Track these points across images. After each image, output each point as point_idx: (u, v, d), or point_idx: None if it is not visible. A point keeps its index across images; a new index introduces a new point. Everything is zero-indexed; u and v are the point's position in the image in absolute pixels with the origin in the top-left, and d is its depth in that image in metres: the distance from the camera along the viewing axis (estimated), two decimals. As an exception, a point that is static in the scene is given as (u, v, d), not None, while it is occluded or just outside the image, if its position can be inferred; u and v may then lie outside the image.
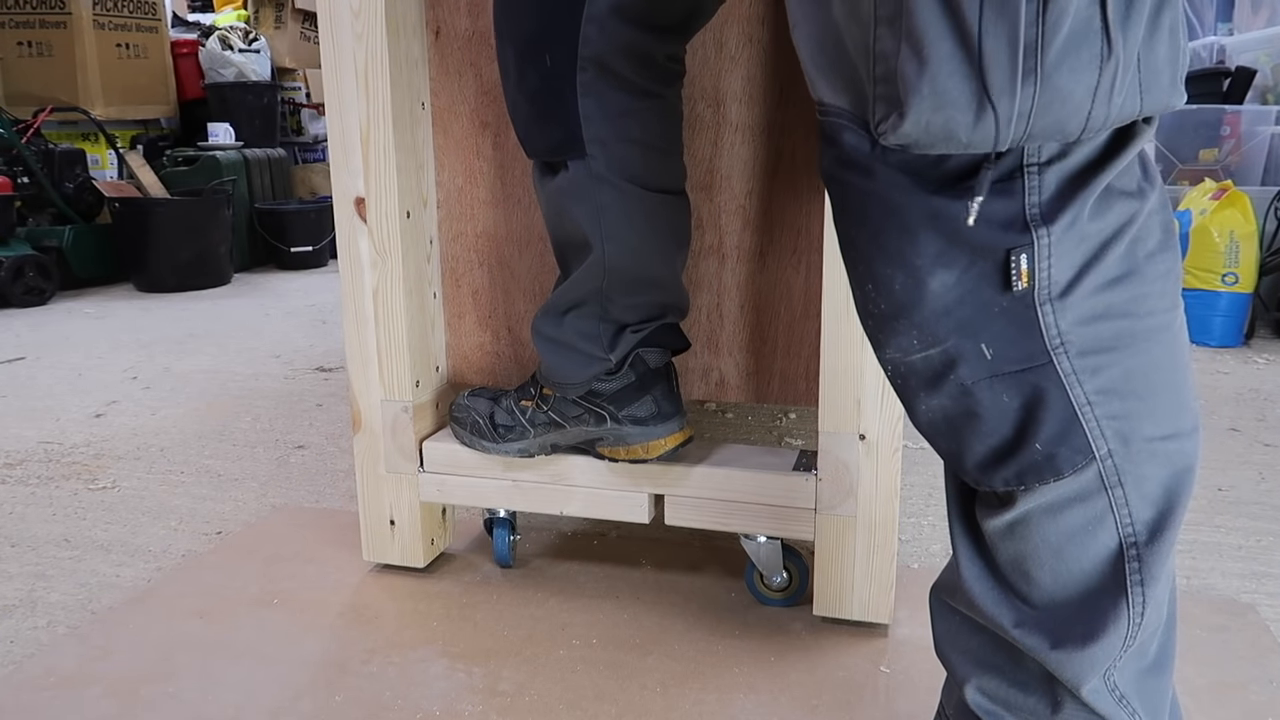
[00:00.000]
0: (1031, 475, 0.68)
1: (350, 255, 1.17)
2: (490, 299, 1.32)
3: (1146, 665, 0.76)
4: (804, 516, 1.15)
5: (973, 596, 0.76)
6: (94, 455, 1.90)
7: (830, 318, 1.08)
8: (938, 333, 0.67)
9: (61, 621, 1.24)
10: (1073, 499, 0.69)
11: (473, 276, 1.31)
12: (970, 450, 0.71)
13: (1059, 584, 0.72)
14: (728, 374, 1.27)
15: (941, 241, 0.64)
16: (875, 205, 0.66)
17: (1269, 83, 3.26)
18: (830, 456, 1.12)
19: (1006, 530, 0.72)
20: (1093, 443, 0.67)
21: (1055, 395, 0.66)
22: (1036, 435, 0.67)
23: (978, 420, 0.69)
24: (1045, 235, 0.62)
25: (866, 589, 1.16)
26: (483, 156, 1.26)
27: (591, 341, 1.11)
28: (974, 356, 0.67)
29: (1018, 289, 0.64)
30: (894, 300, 0.68)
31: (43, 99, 4.12)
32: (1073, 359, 0.65)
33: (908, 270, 0.66)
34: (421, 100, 1.23)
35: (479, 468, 1.24)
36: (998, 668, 0.79)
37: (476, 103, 1.25)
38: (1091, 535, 0.70)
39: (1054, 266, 0.63)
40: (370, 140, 1.14)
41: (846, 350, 1.09)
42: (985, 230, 0.63)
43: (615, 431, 1.14)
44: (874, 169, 0.64)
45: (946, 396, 0.69)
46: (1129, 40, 0.56)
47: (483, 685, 1.07)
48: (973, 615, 0.78)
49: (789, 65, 1.17)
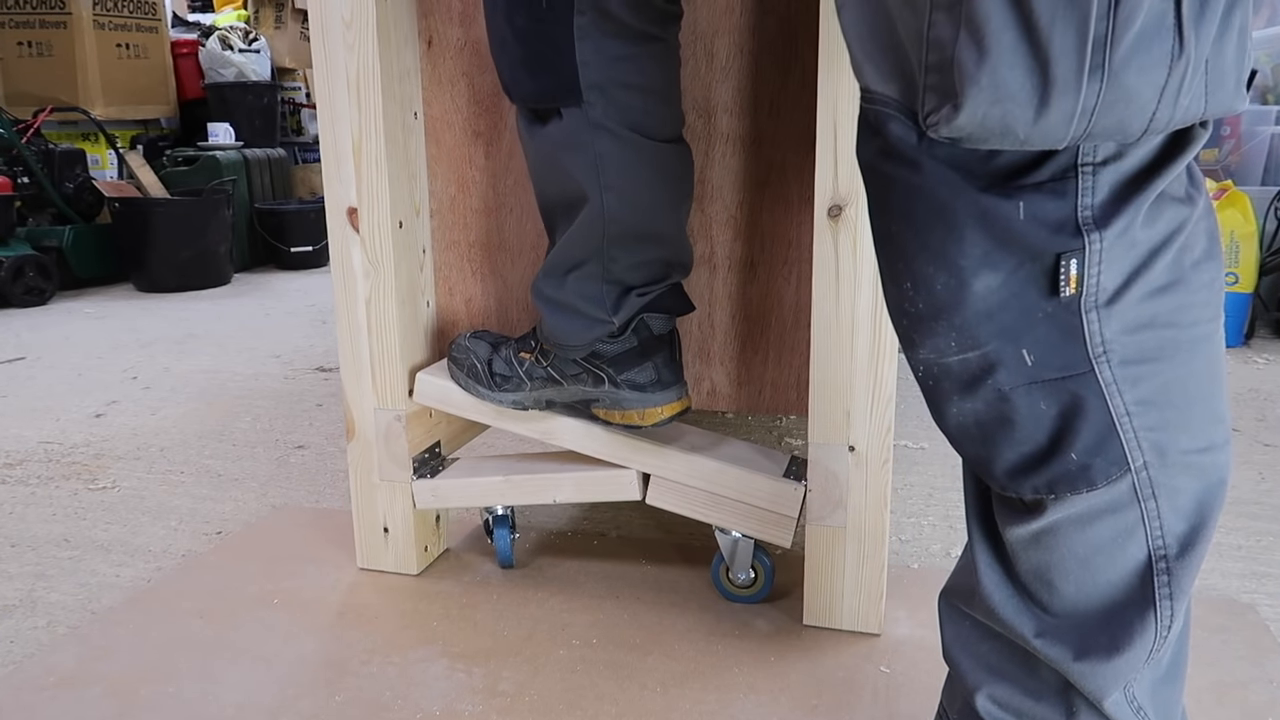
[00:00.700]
0: (1064, 485, 0.66)
1: (343, 265, 1.17)
2: (484, 307, 1.32)
3: (1161, 675, 0.74)
4: (785, 523, 1.15)
5: (992, 604, 0.74)
6: (94, 455, 1.90)
7: (820, 329, 1.08)
8: (978, 336, 0.65)
9: (61, 621, 1.24)
10: (1104, 510, 0.67)
11: (466, 285, 1.31)
12: (1001, 457, 0.69)
13: (1083, 595, 0.70)
14: (719, 383, 1.27)
15: (989, 242, 0.62)
16: (920, 201, 0.63)
17: (1269, 83, 3.26)
18: (820, 467, 1.12)
19: (1032, 539, 0.70)
20: (1129, 454, 0.65)
21: (1094, 405, 0.64)
22: (1072, 445, 0.65)
23: (1012, 427, 0.67)
24: (1098, 241, 0.60)
25: (856, 599, 1.16)
26: (475, 166, 1.26)
27: (594, 303, 1.09)
28: (1014, 362, 0.64)
29: (1065, 295, 0.62)
30: (934, 300, 0.65)
31: (43, 99, 4.12)
32: (1114, 368, 0.63)
33: (951, 270, 0.64)
34: (414, 110, 1.22)
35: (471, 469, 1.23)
36: (1011, 676, 0.77)
37: (469, 112, 1.25)
38: (1121, 548, 0.68)
39: (1103, 273, 0.61)
40: (362, 150, 1.13)
41: (836, 362, 1.08)
42: (1035, 232, 0.60)
43: (613, 395, 1.13)
44: (921, 162, 0.61)
45: (981, 401, 0.67)
46: (1201, 40, 0.53)
47: (483, 685, 1.07)
48: (990, 622, 0.76)
49: (780, 76, 1.17)
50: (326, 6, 1.09)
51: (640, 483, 1.20)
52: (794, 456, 1.22)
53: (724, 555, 1.22)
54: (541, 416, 1.20)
